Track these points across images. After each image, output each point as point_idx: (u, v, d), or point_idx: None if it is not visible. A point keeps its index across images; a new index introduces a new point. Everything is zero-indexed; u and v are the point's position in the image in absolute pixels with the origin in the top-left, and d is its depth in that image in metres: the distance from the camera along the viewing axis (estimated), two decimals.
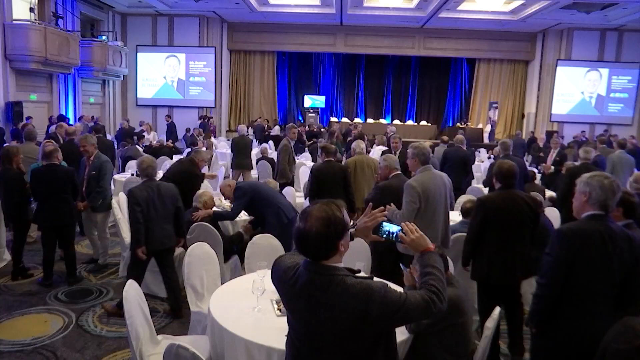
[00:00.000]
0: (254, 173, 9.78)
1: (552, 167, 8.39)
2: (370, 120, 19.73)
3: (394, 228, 1.99)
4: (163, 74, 18.45)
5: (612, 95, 17.87)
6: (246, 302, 2.85)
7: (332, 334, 1.77)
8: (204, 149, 10.51)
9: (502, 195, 3.75)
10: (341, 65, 21.09)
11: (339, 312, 1.72)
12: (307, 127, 15.47)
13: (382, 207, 2.07)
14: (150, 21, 18.06)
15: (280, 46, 19.28)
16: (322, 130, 14.87)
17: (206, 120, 16.88)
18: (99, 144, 5.85)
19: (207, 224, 4.51)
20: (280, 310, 2.79)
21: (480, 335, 2.90)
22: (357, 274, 1.81)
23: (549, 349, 2.62)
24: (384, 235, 2.00)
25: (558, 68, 17.77)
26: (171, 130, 15.07)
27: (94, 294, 4.90)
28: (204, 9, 16.74)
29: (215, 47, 18.27)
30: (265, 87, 20.10)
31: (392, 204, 3.97)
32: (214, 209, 4.98)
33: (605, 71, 17.73)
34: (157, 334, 3.06)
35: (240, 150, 9.28)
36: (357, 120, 19.53)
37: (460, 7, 15.36)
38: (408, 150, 4.28)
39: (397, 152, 7.46)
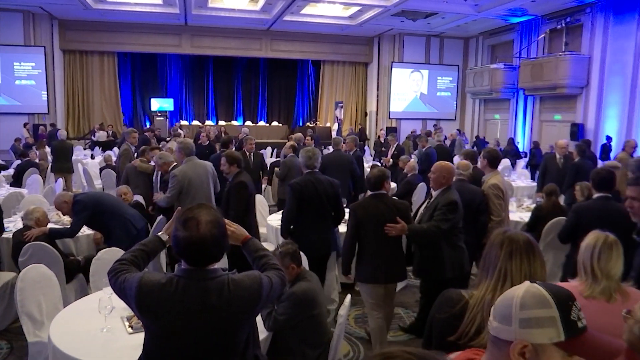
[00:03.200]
0: (97, 183, 9.17)
1: (391, 160, 9.35)
2: (222, 122, 19.47)
3: None
4: None
5: (438, 94, 20.07)
6: (93, 324, 2.67)
7: (224, 333, 1.75)
8: (37, 160, 9.50)
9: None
10: (189, 67, 20.45)
11: (237, 308, 1.73)
12: (158, 132, 14.75)
13: None
14: None
15: (121, 46, 18.06)
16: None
17: (56, 128, 14.98)
18: None
19: (43, 243, 4.07)
20: (132, 327, 2.66)
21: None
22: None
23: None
24: None
25: (393, 70, 19.35)
26: None
27: None
28: (28, 4, 14.97)
29: (45, 47, 16.42)
30: (107, 90, 18.62)
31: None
32: (50, 225, 4.52)
33: (430, 72, 19.80)
34: None
35: (60, 154, 9.48)
36: (208, 122, 19.16)
37: (303, 11, 15.92)
38: (175, 146, 5.20)
39: (251, 154, 7.40)
